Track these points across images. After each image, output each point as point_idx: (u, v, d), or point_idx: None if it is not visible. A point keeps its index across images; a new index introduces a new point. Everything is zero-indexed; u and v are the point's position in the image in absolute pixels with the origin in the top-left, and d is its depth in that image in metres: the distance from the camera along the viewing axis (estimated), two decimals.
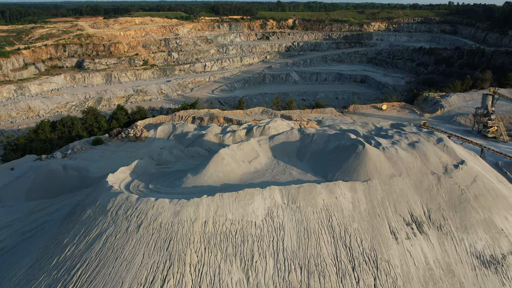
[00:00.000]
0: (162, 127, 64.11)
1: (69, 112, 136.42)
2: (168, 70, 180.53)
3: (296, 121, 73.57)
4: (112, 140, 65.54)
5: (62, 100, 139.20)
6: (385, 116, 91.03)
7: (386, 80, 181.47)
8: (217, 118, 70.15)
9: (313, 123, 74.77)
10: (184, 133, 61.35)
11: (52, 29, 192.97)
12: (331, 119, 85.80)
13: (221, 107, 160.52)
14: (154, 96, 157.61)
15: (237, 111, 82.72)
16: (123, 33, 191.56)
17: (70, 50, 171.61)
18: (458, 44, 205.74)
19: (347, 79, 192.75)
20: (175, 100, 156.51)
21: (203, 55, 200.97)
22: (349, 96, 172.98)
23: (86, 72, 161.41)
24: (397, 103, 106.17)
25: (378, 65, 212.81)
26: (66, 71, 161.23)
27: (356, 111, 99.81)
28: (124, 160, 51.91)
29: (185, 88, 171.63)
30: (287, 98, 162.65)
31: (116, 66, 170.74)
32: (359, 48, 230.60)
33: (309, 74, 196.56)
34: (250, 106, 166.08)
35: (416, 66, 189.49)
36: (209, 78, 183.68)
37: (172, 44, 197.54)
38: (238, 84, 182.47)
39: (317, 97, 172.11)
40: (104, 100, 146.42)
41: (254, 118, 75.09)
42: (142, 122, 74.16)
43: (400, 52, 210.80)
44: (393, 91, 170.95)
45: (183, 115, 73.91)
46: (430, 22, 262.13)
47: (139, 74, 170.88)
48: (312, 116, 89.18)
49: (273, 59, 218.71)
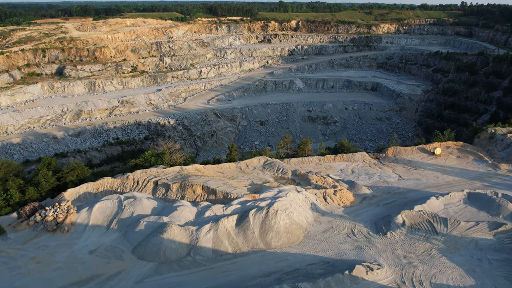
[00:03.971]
0: (101, 204, 39.77)
1: (42, 128, 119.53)
2: (160, 77, 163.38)
3: (317, 187, 50.23)
4: (19, 227, 39.53)
5: (35, 114, 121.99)
6: (442, 167, 64.51)
7: (400, 88, 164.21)
8: (191, 188, 45.02)
9: (343, 189, 50.29)
10: (134, 218, 38.16)
11: (33, 32, 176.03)
12: (365, 173, 61.17)
13: (216, 120, 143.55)
14: (142, 107, 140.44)
15: (227, 166, 57.00)
16: (111, 36, 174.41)
17: (50, 55, 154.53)
18: (478, 47, 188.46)
19: (357, 86, 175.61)
20: (165, 112, 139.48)
21: (199, 60, 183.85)
22: (359, 106, 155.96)
23: (67, 80, 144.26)
24: (452, 143, 75.26)
25: (389, 70, 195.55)
26: (45, 79, 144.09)
27: (398, 156, 71.45)
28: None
29: (177, 97, 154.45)
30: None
31: (101, 73, 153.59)
32: (368, 52, 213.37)
33: (315, 81, 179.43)
34: (249, 118, 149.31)
35: (432, 73, 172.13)
36: (205, 86, 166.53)
37: (164, 48, 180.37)
38: (237, 92, 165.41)
39: (324, 107, 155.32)
40: (84, 113, 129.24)
41: (251, 181, 50.34)
42: (73, 191, 45.42)
43: (414, 56, 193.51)
44: (409, 102, 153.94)
45: (141, 178, 47.65)
46: (443, 23, 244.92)
47: (127, 82, 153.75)
48: (337, 166, 64.91)
49: (275, 64, 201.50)
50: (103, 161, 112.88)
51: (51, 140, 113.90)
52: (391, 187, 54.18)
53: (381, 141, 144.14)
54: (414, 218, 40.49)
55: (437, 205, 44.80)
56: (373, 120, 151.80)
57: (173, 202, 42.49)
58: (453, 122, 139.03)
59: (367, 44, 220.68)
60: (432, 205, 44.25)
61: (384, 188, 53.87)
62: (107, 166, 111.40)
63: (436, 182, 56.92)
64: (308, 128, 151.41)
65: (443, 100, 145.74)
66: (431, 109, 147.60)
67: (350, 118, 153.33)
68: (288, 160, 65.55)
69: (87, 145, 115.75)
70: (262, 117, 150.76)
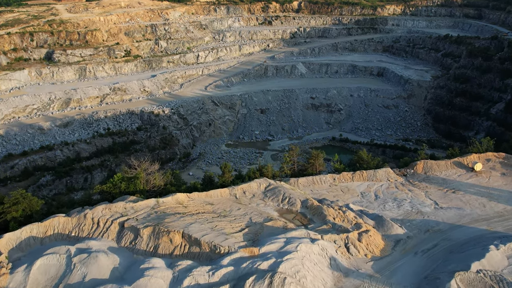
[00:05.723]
0: (44, 261, 28.13)
1: (28, 118, 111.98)
2: (154, 62, 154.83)
3: (335, 227, 38.47)
4: None
5: (20, 102, 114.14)
6: (487, 189, 52.91)
7: (408, 74, 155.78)
8: (168, 235, 32.84)
9: (370, 230, 39.02)
10: (86, 285, 26.69)
11: (21, 14, 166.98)
12: (392, 198, 50.13)
13: (214, 108, 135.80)
14: (135, 95, 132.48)
15: (218, 194, 44.51)
16: (103, 18, 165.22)
17: (39, 39, 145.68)
18: (489, 30, 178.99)
19: (362, 71, 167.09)
20: (160, 100, 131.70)
21: (196, 44, 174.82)
22: (365, 93, 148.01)
23: (56, 66, 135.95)
24: (493, 154, 62.87)
25: (396, 54, 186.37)
26: (33, 65, 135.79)
27: (429, 173, 58.49)
28: None
29: (173, 84, 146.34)
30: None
31: (92, 58, 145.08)
32: (373, 34, 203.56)
33: (318, 66, 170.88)
34: (249, 105, 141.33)
35: (442, 57, 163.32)
36: (202, 71, 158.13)
37: (160, 30, 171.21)
38: (236, 78, 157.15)
39: (328, 94, 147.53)
40: (73, 101, 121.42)
41: (248, 219, 38.17)
42: (12, 237, 32.69)
43: (421, 39, 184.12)
44: (417, 88, 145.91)
45: (102, 218, 35.81)
46: (451, 5, 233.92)
47: (119, 68, 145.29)
48: (356, 188, 53.24)
49: (276, 47, 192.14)
50: (93, 154, 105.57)
51: (37, 131, 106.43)
52: (428, 222, 44.05)
53: (388, 130, 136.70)
54: (473, 283, 30.21)
55: (499, 259, 33.96)
56: (380, 107, 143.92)
57: (142, 258, 30.97)
58: (464, 111, 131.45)
59: (372, 26, 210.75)
60: (493, 259, 33.54)
61: (420, 223, 43.90)
62: (96, 160, 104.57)
63: (484, 213, 46.51)
64: (311, 117, 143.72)
65: (454, 87, 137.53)
66: (441, 96, 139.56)
67: (356, 105, 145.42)
68: (296, 180, 53.61)
69: (75, 137, 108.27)
70: (263, 105, 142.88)
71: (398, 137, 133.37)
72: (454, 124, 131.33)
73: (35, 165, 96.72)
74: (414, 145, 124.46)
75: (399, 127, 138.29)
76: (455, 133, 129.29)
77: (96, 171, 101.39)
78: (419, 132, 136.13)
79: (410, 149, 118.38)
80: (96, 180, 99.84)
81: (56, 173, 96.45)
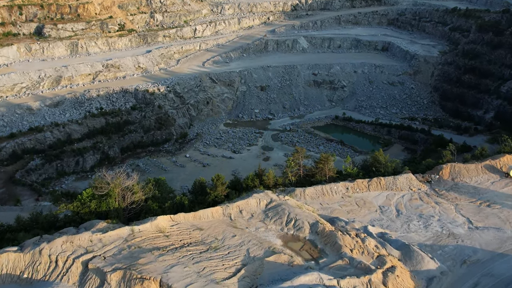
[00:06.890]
0: None
1: (17, 98, 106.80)
2: (150, 36, 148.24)
3: (353, 264, 31.91)
4: None
5: (8, 81, 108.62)
6: None
7: (414, 48, 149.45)
8: (141, 284, 25.88)
9: (397, 267, 32.39)
10: None
11: None
12: (417, 214, 42.91)
13: (212, 85, 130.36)
14: (130, 72, 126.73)
15: (209, 214, 37.22)
16: None
17: (28, 12, 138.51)
18: (499, 3, 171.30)
19: (366, 46, 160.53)
20: (155, 77, 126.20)
21: (193, 17, 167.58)
22: (370, 69, 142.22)
23: (46, 42, 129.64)
24: None
25: (401, 28, 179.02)
26: (22, 40, 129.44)
27: (457, 179, 50.34)
28: None
29: (169, 60, 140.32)
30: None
31: (85, 33, 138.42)
32: (378, 7, 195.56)
33: (320, 40, 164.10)
34: (249, 82, 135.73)
35: (449, 32, 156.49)
36: (200, 46, 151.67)
37: (155, 3, 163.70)
38: (235, 53, 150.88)
39: (330, 70, 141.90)
40: (64, 79, 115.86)
41: (245, 253, 31.87)
42: None
43: (428, 13, 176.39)
44: (424, 64, 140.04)
45: (62, 255, 28.98)
46: None
47: (113, 43, 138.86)
48: (373, 201, 45.48)
49: (276, 20, 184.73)
50: (85, 135, 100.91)
51: (26, 111, 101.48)
52: (463, 248, 36.96)
53: (393, 109, 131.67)
54: None
55: None
56: (384, 84, 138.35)
57: None
58: (473, 88, 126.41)
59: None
60: None
61: (453, 250, 36.76)
62: (88, 141, 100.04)
63: None
64: (314, 94, 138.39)
65: (463, 63, 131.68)
66: (449, 73, 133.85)
67: (360, 82, 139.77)
68: (303, 191, 45.66)
69: (66, 117, 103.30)
70: (263, 82, 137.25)
71: (403, 115, 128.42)
72: (462, 102, 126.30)
73: (23, 148, 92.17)
74: (421, 124, 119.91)
75: (405, 105, 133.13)
76: (463, 112, 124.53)
77: (88, 154, 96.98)
78: (426, 110, 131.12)
79: (417, 129, 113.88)
80: (88, 164, 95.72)
81: (46, 156, 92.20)
